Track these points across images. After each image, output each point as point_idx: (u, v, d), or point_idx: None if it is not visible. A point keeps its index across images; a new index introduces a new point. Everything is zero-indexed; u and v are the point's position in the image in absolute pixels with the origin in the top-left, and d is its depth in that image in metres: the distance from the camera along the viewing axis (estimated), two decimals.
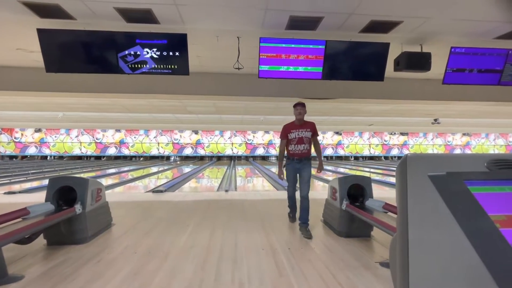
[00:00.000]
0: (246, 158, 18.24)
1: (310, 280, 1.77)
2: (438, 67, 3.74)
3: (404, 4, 2.83)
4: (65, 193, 2.44)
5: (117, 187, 7.23)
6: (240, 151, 17.92)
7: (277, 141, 18.25)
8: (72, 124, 14.88)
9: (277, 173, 3.11)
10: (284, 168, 3.02)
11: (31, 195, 5.01)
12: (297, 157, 2.88)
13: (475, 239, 0.37)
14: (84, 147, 17.23)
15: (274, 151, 18.11)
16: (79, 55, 3.39)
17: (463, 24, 3.24)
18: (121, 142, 17.43)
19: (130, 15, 3.09)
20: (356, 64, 3.64)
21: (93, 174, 10.24)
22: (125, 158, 17.95)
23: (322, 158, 3.07)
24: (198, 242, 2.44)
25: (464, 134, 18.13)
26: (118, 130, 17.29)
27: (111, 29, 3.29)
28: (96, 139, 17.26)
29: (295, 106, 2.98)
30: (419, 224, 0.45)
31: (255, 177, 9.85)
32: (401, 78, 4.99)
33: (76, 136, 17.23)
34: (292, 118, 3.08)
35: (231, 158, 18.06)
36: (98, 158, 17.73)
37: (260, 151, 18.05)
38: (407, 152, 0.60)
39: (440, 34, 3.48)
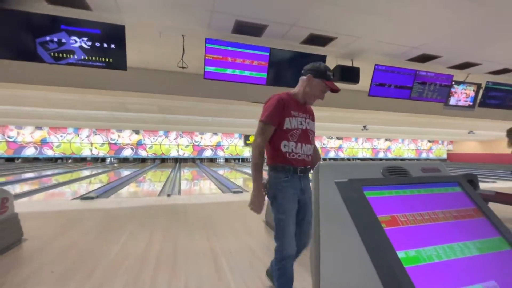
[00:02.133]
0: (193, 160, 17.66)
1: (248, 281, 1.80)
2: (366, 81, 4.27)
3: (338, 22, 3.15)
4: None
5: (35, 195, 6.15)
6: (187, 153, 17.26)
7: (225, 142, 18.14)
8: None
9: (253, 197, 1.46)
10: (267, 190, 1.49)
11: None
12: (302, 166, 1.50)
13: (366, 238, 0.43)
14: None
15: (223, 153, 17.98)
16: None
17: (384, 46, 3.77)
18: (43, 142, 14.96)
19: None
20: (297, 72, 3.87)
21: (2, 179, 8.50)
22: (50, 160, 15.45)
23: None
24: (132, 253, 2.24)
25: (386, 139, 21.08)
26: (39, 128, 14.79)
27: (27, 9, 2.80)
28: (8, 137, 14.43)
29: (325, 73, 1.54)
30: (328, 226, 0.50)
31: (202, 180, 9.60)
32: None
33: None
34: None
35: (176, 160, 17.22)
36: (10, 160, 14.83)
37: (208, 153, 17.70)
38: (321, 162, 0.63)
39: (367, 52, 3.98)
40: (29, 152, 14.77)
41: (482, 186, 4.00)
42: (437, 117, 7.16)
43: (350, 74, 4.01)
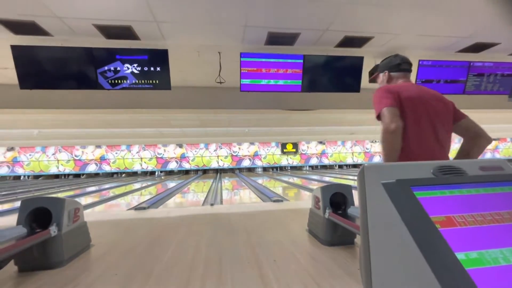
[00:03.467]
0: (232, 170, 18.12)
1: None
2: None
3: (373, 22, 3.04)
4: (39, 215, 2.32)
5: (97, 206, 6.93)
6: (226, 163, 17.81)
7: (263, 152, 18.29)
8: (49, 142, 14.27)
9: None
10: None
11: (1, 219, 4.70)
12: None
13: (419, 239, 0.41)
14: (62, 165, 16.47)
15: (260, 162, 18.13)
16: (56, 71, 3.33)
17: (428, 40, 3.51)
18: (102, 159, 16.84)
19: (109, 31, 3.10)
20: (334, 76, 3.82)
21: (71, 193, 9.77)
22: (107, 175, 17.30)
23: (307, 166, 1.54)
24: (181, 260, 2.38)
25: None
26: (98, 146, 16.72)
27: (90, 45, 3.27)
28: (75, 156, 16.57)
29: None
30: (377, 229, 0.49)
31: (242, 189, 9.78)
32: (376, 89, 5.25)
33: (53, 154, 16.46)
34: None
35: (217, 171, 17.87)
36: (77, 176, 16.97)
37: (246, 163, 18.03)
38: (366, 164, 0.62)
39: (408, 48, 3.74)
40: (91, 168, 16.73)
41: None
42: (501, 111, 6.30)
43: None
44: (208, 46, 3.51)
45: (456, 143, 1.63)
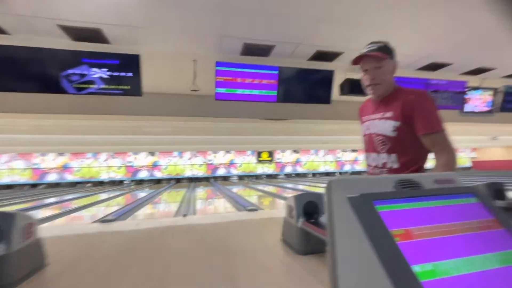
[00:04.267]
0: (207, 179, 17.76)
1: None
2: None
3: (343, 38, 3.23)
4: None
5: (57, 219, 6.35)
6: (201, 172, 17.43)
7: (238, 160, 18.21)
8: (2, 148, 12.95)
9: None
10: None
11: None
12: None
13: (380, 253, 0.43)
14: (16, 174, 14.97)
15: (236, 171, 18.01)
16: (12, 73, 3.07)
17: None
18: (65, 167, 15.61)
19: (76, 33, 2.94)
20: (307, 88, 3.96)
21: (26, 205, 8.87)
22: (69, 184, 16.02)
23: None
24: (152, 274, 2.24)
25: None
26: (60, 154, 15.51)
27: (54, 46, 3.07)
28: (33, 164, 15.18)
29: (354, 63, 1.38)
30: (343, 242, 0.50)
31: (217, 199, 9.60)
32: (346, 101, 5.54)
33: (6, 162, 14.93)
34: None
35: (191, 180, 17.39)
36: (34, 186, 15.50)
37: (221, 172, 17.80)
38: (332, 179, 0.62)
39: None
40: (52, 177, 15.41)
41: None
42: (455, 124, 6.95)
43: (360, 87, 4.03)
44: (183, 54, 3.47)
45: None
